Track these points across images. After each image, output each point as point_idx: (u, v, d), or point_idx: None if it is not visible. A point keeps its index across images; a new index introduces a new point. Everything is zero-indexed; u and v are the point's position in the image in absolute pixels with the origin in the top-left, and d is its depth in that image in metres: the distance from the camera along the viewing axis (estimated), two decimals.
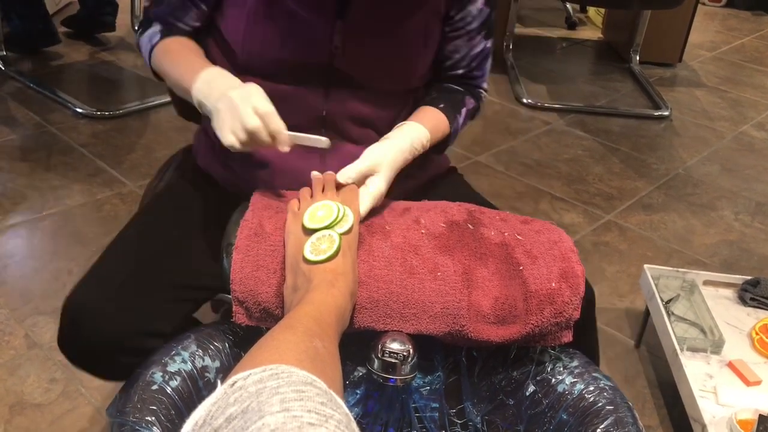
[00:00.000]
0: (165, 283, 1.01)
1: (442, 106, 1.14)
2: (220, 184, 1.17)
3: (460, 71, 1.19)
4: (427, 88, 1.20)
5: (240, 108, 0.93)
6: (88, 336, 0.96)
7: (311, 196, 0.97)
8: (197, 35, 1.15)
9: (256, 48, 1.06)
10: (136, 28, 1.18)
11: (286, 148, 0.96)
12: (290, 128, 0.98)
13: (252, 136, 0.94)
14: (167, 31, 1.12)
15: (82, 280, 1.01)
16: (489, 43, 1.18)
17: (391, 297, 0.88)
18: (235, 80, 1.01)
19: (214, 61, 1.14)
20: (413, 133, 1.07)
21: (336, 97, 1.09)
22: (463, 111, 1.18)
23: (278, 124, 0.95)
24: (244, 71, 1.05)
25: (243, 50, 1.06)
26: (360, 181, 1.00)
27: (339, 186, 0.99)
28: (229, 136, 0.94)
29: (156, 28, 1.13)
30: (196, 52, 1.12)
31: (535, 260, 0.93)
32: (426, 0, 1.06)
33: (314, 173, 1.00)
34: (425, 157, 1.21)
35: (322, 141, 1.01)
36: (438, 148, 1.16)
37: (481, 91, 1.24)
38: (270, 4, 1.03)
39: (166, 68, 1.10)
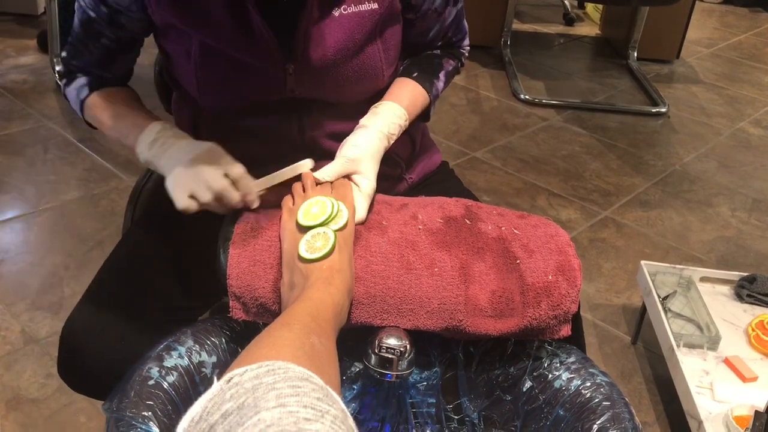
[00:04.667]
0: (159, 307, 1.02)
1: (416, 75, 1.10)
2: None
3: (438, 43, 1.15)
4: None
5: (205, 171, 0.91)
6: (85, 365, 0.97)
7: (304, 192, 0.95)
8: (129, 79, 1.10)
9: (213, 96, 1.03)
10: (57, 78, 1.13)
11: (255, 204, 0.94)
12: (271, 159, 0.97)
13: (218, 198, 0.91)
14: (95, 83, 1.07)
15: (78, 306, 1.01)
16: (459, 5, 1.12)
17: (388, 293, 0.88)
18: (185, 137, 0.98)
19: (180, 108, 1.11)
20: (389, 117, 1.03)
21: (310, 120, 1.06)
22: (442, 74, 1.14)
23: (249, 185, 0.93)
24: (210, 113, 1.03)
25: (201, 99, 1.03)
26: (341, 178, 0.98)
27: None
28: (186, 200, 0.91)
29: (82, 80, 1.08)
30: (131, 104, 1.07)
31: (531, 254, 0.93)
32: (372, 14, 1.00)
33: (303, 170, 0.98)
34: (413, 156, 1.19)
35: (303, 165, 0.97)
36: (421, 117, 1.13)
37: (463, 50, 1.19)
38: (213, 54, 0.99)
39: (104, 124, 1.05)
